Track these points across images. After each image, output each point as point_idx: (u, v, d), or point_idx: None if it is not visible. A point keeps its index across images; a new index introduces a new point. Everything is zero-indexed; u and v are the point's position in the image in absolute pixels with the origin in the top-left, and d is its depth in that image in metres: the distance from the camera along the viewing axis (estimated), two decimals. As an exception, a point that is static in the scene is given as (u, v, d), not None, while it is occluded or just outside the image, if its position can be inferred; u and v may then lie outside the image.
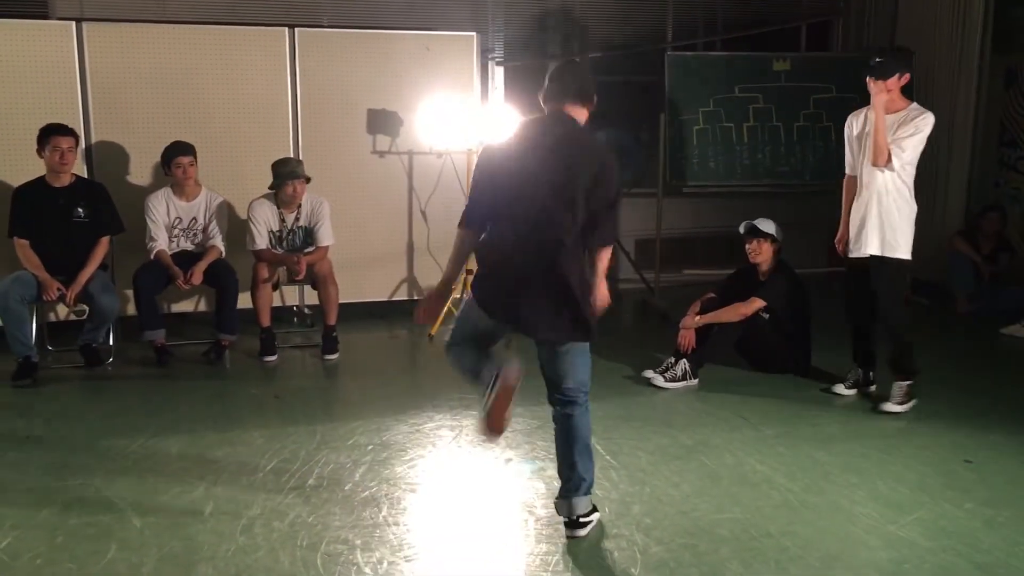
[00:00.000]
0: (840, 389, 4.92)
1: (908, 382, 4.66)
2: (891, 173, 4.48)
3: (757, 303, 5.08)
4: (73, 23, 5.84)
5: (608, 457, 3.96)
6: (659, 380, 5.05)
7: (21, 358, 5.03)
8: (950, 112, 7.40)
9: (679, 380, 5.04)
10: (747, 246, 5.22)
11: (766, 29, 8.01)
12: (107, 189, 5.44)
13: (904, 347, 4.66)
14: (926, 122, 4.44)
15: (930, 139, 4.50)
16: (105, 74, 5.87)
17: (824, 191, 7.65)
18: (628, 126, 7.80)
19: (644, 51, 7.84)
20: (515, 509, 3.47)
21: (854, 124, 4.72)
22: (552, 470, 3.45)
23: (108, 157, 5.93)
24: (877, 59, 4.50)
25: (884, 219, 4.52)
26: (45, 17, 6.21)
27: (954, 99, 7.48)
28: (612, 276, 7.77)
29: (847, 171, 4.80)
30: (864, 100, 4.63)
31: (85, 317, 5.36)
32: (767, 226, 5.16)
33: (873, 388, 4.91)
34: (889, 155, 4.42)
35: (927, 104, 4.72)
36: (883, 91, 4.44)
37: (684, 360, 5.09)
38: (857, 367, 4.95)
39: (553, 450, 3.30)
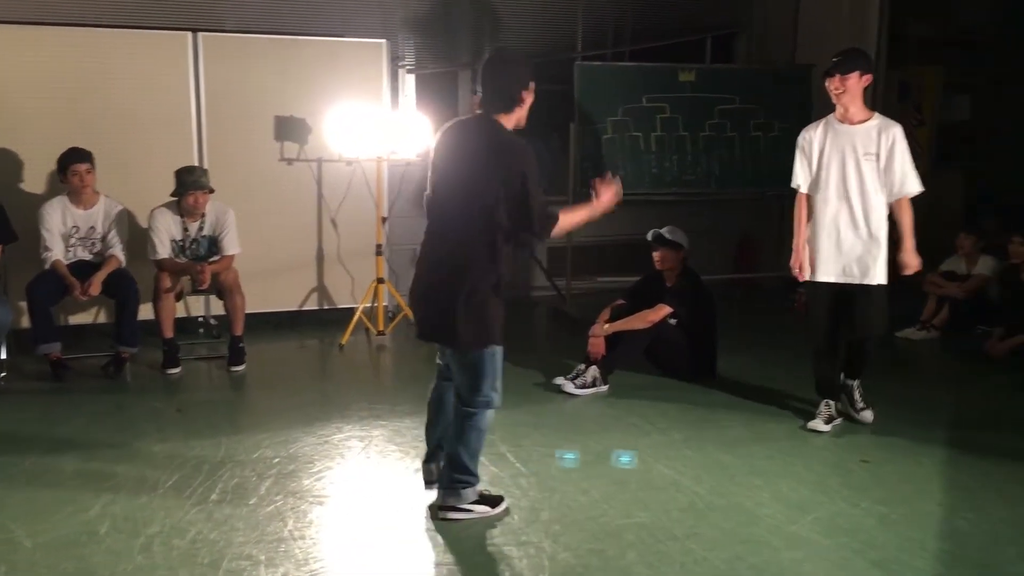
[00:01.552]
0: (819, 426, 4.44)
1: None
2: (885, 201, 4.25)
3: (664, 310, 5.16)
4: (-38, 24, 5.62)
5: (518, 464, 3.96)
6: (569, 387, 5.08)
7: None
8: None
9: (589, 387, 5.08)
10: (654, 254, 5.30)
11: (673, 40, 8.17)
12: (-3, 197, 5.23)
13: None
14: (902, 133, 4.21)
15: None
16: (-4, 77, 5.65)
17: (729, 199, 7.85)
18: (538, 134, 7.85)
19: (554, 60, 7.90)
20: (423, 520, 3.44)
21: (814, 140, 4.35)
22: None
23: (-1, 163, 5.71)
24: (835, 58, 4.23)
25: (884, 246, 4.26)
26: (-67, 17, 5.94)
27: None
28: (523, 284, 7.84)
29: (801, 189, 4.42)
30: (769, 112, 4.58)
31: (-26, 330, 5.14)
32: (673, 234, 5.25)
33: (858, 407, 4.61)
34: (907, 185, 4.19)
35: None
36: (844, 90, 4.17)
37: (594, 367, 5.14)
38: (829, 400, 4.53)
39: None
